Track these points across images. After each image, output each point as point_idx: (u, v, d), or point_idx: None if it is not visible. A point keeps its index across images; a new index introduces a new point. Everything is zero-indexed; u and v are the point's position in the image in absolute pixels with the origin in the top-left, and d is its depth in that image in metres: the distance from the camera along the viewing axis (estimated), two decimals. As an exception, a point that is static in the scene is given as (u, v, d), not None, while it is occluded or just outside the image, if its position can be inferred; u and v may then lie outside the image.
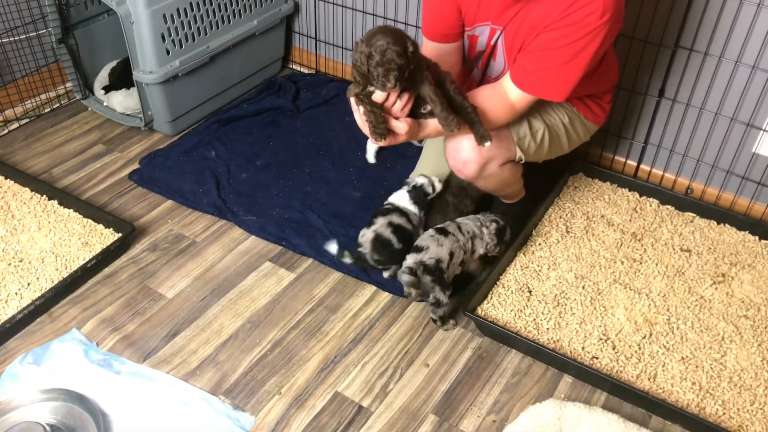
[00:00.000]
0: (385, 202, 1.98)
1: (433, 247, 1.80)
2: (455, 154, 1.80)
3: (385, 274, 1.96)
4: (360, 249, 1.90)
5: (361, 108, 1.61)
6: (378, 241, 1.87)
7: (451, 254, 1.81)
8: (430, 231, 1.85)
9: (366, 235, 1.90)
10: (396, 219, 1.91)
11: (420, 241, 1.83)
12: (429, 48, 1.84)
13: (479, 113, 1.65)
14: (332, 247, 1.98)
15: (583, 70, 1.65)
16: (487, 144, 1.66)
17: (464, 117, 1.64)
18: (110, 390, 1.67)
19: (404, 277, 1.81)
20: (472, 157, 1.78)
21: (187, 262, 2.04)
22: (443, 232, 1.84)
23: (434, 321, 1.86)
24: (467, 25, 1.80)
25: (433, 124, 1.65)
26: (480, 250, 1.89)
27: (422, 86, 1.58)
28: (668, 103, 2.20)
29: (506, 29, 1.73)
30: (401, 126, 1.61)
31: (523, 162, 1.91)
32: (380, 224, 1.90)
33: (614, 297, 1.91)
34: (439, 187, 1.98)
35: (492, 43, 1.79)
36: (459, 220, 1.91)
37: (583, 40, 1.60)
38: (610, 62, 1.91)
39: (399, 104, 1.58)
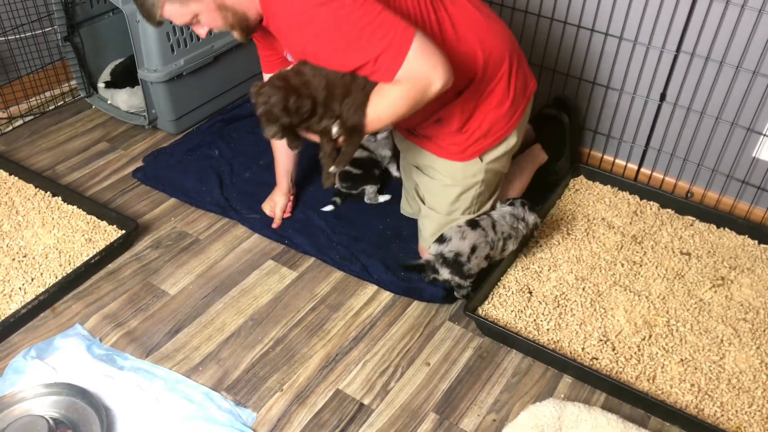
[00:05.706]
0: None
1: (455, 239, 1.82)
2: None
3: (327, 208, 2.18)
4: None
5: None
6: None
7: (474, 248, 1.83)
8: (460, 221, 1.89)
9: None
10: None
11: (446, 231, 1.86)
12: None
13: None
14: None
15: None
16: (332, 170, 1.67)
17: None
18: (113, 385, 1.68)
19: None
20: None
21: (190, 259, 2.05)
22: (473, 224, 1.86)
23: (458, 297, 1.93)
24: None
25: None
26: (511, 248, 1.92)
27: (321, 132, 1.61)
28: (669, 107, 2.22)
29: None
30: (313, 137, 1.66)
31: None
32: None
33: (614, 299, 1.92)
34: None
35: None
36: (496, 217, 1.91)
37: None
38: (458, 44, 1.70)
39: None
